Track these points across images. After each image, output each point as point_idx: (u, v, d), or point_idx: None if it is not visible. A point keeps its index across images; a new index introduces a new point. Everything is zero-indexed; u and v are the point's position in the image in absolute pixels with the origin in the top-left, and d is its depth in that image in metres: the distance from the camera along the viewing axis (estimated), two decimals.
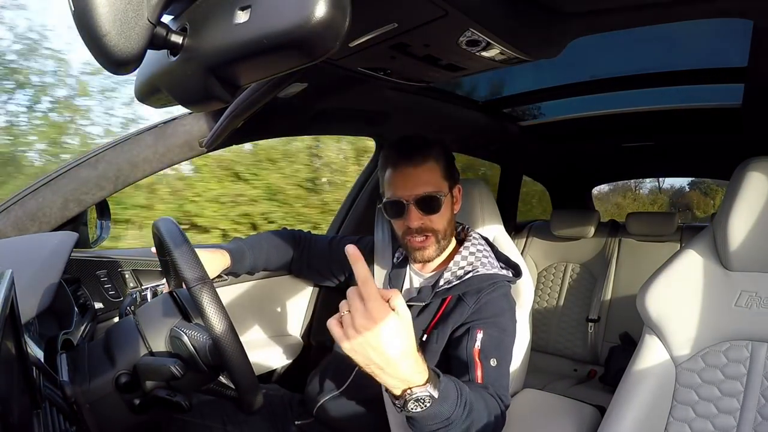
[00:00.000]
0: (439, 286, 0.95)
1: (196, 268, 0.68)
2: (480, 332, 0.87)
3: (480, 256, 0.98)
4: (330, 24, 0.39)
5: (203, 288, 0.67)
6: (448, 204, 0.98)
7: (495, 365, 0.84)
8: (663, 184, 13.85)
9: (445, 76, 0.90)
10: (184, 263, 0.68)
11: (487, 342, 0.87)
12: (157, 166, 0.99)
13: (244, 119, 0.85)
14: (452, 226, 1.00)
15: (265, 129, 1.13)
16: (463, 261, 0.97)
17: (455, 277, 0.95)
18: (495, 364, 0.84)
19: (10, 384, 0.43)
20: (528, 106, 1.53)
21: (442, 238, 0.97)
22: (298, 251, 1.21)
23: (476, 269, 0.95)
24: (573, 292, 2.01)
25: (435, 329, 0.92)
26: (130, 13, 0.41)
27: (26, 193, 0.89)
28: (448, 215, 0.98)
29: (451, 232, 1.01)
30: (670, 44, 0.97)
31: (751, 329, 0.79)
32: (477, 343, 0.86)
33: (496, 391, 0.81)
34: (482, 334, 0.87)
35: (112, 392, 0.69)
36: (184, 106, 0.59)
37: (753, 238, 0.79)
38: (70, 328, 0.86)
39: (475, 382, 0.82)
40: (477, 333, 0.87)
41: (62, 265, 0.73)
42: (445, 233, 0.97)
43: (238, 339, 0.69)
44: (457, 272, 0.96)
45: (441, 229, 0.96)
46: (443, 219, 0.96)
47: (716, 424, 0.79)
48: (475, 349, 0.86)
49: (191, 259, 0.69)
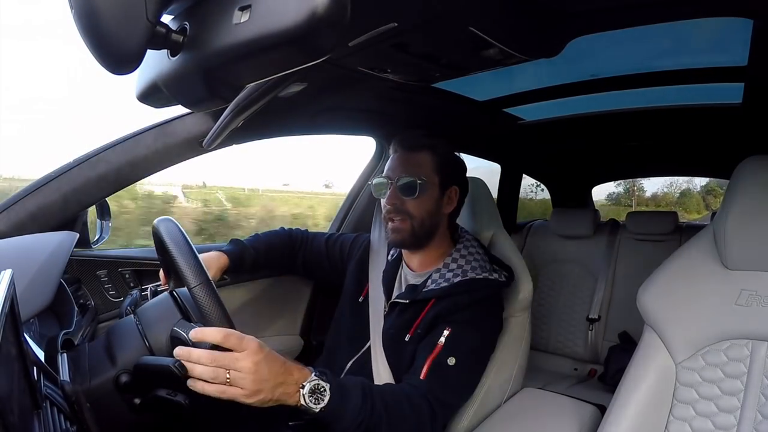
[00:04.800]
0: (426, 286, 0.97)
1: (197, 268, 0.68)
2: (448, 330, 0.89)
3: (471, 259, 0.99)
4: (330, 24, 0.39)
5: (204, 289, 0.67)
6: (432, 195, 0.99)
7: (452, 364, 0.86)
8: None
9: (445, 75, 0.90)
10: (185, 264, 0.68)
11: (451, 340, 0.88)
12: (157, 166, 0.99)
13: (244, 119, 0.85)
14: (436, 221, 1.01)
15: (265, 129, 1.13)
16: (453, 263, 0.99)
17: (444, 279, 0.96)
18: (452, 363, 0.86)
19: (10, 384, 0.43)
20: (528, 106, 1.53)
21: (419, 226, 0.98)
22: (295, 250, 1.22)
23: (465, 273, 0.96)
24: (573, 292, 2.01)
25: (418, 329, 0.94)
26: (130, 13, 0.41)
27: (26, 193, 0.89)
28: (428, 205, 0.99)
29: (433, 227, 1.01)
30: (670, 44, 0.97)
31: (751, 328, 0.79)
32: (441, 339, 0.89)
33: (434, 393, 0.83)
34: (449, 332, 0.89)
35: (113, 392, 0.69)
36: (184, 106, 0.59)
37: (753, 237, 0.79)
38: (71, 327, 0.86)
39: (417, 378, 0.85)
40: (445, 330, 0.89)
41: (62, 265, 0.73)
42: (422, 222, 0.99)
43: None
44: (446, 274, 0.97)
45: (417, 216, 0.98)
46: (421, 206, 0.98)
47: (716, 423, 0.79)
48: (438, 345, 0.88)
49: (192, 260, 0.69)
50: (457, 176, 1.05)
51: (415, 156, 1.00)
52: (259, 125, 1.08)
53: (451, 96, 1.28)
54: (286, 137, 1.25)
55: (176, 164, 1.01)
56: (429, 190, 0.98)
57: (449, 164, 1.03)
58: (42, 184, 0.90)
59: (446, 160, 1.02)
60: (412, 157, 1.00)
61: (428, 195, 0.99)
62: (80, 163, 0.93)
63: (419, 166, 0.99)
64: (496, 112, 1.48)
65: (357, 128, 1.40)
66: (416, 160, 0.99)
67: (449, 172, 1.02)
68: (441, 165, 1.00)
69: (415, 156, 1.00)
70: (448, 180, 1.02)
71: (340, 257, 1.18)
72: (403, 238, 0.99)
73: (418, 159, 1.00)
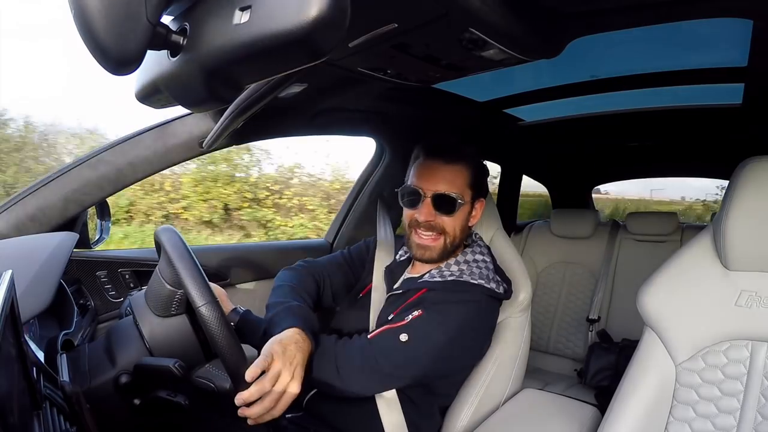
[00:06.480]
0: (422, 278, 0.97)
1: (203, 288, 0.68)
2: (419, 312, 0.88)
3: (474, 266, 0.98)
4: (330, 24, 0.39)
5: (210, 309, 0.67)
6: (465, 212, 0.98)
7: (404, 340, 0.85)
8: None
9: (445, 76, 0.90)
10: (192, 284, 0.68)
11: (417, 322, 0.87)
12: (157, 167, 0.99)
13: (244, 119, 0.85)
14: (463, 235, 1.00)
15: (265, 129, 1.13)
16: (455, 266, 0.98)
17: (440, 275, 0.96)
18: (404, 340, 0.85)
19: (10, 384, 0.43)
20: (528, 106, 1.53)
21: (450, 243, 0.97)
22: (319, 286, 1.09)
23: (462, 275, 0.95)
24: (573, 292, 2.01)
25: (401, 312, 0.93)
26: (130, 13, 0.41)
27: (26, 194, 0.89)
28: (461, 222, 0.97)
29: (461, 241, 1.00)
30: (670, 44, 0.97)
31: (751, 329, 0.79)
32: (408, 317, 0.88)
33: (375, 352, 0.85)
34: (419, 314, 0.88)
35: (112, 392, 0.69)
36: (184, 107, 0.59)
37: (753, 238, 0.79)
38: (71, 328, 0.86)
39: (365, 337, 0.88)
40: (416, 311, 0.88)
41: (62, 265, 0.73)
42: (454, 239, 0.97)
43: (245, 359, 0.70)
44: (444, 272, 0.97)
45: (451, 233, 0.96)
46: (455, 223, 0.96)
47: (716, 424, 0.79)
48: (404, 320, 0.87)
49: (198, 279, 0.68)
50: (485, 188, 1.03)
51: (452, 169, 0.95)
52: (260, 126, 1.09)
53: (452, 97, 1.29)
54: (286, 138, 1.24)
55: (176, 165, 1.01)
56: (463, 207, 0.96)
57: (480, 177, 1.00)
58: (42, 184, 0.90)
59: (478, 173, 0.99)
60: (448, 169, 0.95)
61: (462, 211, 0.96)
62: (80, 163, 0.93)
63: (455, 180, 0.95)
64: (496, 113, 1.48)
65: (357, 129, 1.40)
66: (452, 174, 0.95)
67: (480, 185, 1.00)
68: (473, 178, 0.98)
69: (452, 169, 0.95)
70: (477, 193, 1.00)
71: (357, 264, 1.14)
72: (432, 256, 0.97)
73: (455, 172, 0.95)
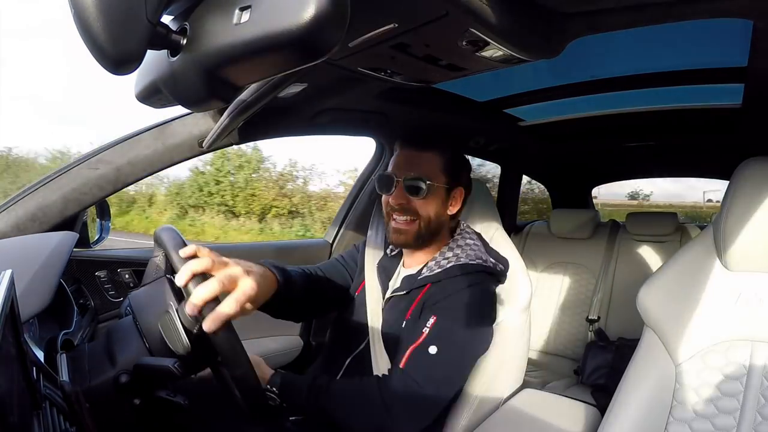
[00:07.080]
0: (422, 274, 0.98)
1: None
2: (434, 318, 0.89)
3: (467, 249, 0.99)
4: (329, 24, 0.39)
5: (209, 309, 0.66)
6: (440, 197, 0.99)
7: (434, 353, 0.85)
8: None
9: (445, 76, 0.90)
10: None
11: (435, 330, 0.88)
12: (157, 167, 0.99)
13: (244, 119, 0.85)
14: (441, 222, 1.01)
15: (265, 129, 1.13)
16: (449, 252, 0.99)
17: (438, 266, 0.97)
18: (434, 352, 0.85)
19: (10, 384, 0.43)
20: (528, 106, 1.54)
21: (425, 227, 0.98)
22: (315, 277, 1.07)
23: (459, 258, 0.97)
24: (573, 292, 2.01)
25: (411, 316, 0.94)
26: (130, 13, 0.41)
27: (26, 194, 0.89)
28: (435, 207, 0.99)
29: (438, 228, 1.01)
30: (670, 44, 0.97)
31: (751, 329, 0.79)
32: (425, 328, 0.88)
33: (414, 377, 0.84)
34: (434, 320, 0.89)
35: (112, 392, 0.69)
36: (184, 107, 0.59)
37: (753, 238, 0.79)
38: (70, 328, 0.86)
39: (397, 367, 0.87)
40: (431, 318, 0.89)
41: (62, 265, 0.73)
42: (428, 222, 0.98)
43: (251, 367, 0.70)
44: (441, 261, 0.98)
45: (425, 216, 0.98)
46: (428, 207, 0.98)
47: (716, 424, 0.79)
48: (423, 333, 0.88)
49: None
50: (462, 177, 1.05)
51: (423, 155, 0.99)
52: (259, 126, 1.09)
53: (452, 96, 1.29)
54: (286, 138, 1.25)
55: (176, 164, 1.01)
56: (436, 191, 0.98)
57: (455, 164, 1.03)
58: (42, 184, 0.90)
59: (453, 161, 1.02)
60: (420, 156, 0.99)
61: (435, 196, 0.98)
62: (80, 163, 0.93)
63: (426, 165, 0.98)
64: (496, 113, 1.48)
65: (357, 129, 1.40)
66: (423, 160, 0.99)
67: (456, 173, 1.02)
68: (447, 164, 1.00)
69: (423, 155, 0.99)
70: (454, 181, 1.01)
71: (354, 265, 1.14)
72: (407, 239, 0.99)
73: (427, 158, 0.99)
